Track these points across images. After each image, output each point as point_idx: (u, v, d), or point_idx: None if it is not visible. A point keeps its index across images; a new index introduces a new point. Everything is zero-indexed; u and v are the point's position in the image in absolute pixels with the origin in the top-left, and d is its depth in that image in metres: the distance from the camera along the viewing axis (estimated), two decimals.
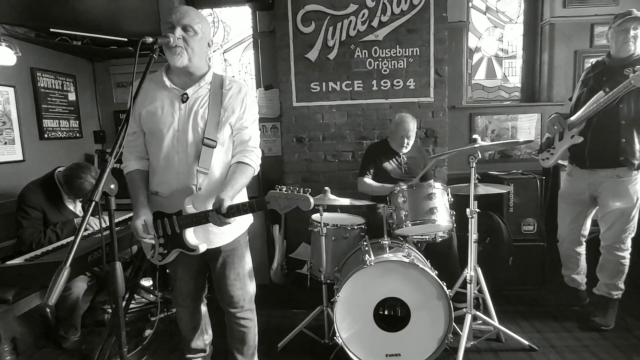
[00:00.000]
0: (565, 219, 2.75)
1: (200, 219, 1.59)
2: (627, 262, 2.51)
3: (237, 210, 1.53)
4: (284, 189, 1.51)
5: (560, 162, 2.75)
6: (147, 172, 1.75)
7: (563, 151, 2.61)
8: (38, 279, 1.79)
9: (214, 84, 1.66)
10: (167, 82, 1.63)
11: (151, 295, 3.04)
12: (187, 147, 1.62)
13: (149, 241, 1.66)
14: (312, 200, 1.47)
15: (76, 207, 2.56)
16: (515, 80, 3.86)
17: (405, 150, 2.86)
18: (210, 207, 1.60)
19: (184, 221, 1.61)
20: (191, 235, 1.65)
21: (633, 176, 2.40)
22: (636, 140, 2.34)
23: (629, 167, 2.37)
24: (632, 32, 2.30)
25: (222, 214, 1.50)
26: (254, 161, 1.70)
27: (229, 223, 1.55)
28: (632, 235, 2.49)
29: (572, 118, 2.52)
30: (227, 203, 1.51)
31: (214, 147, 1.62)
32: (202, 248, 1.66)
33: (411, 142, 2.83)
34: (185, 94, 1.62)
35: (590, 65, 2.64)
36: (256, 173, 1.73)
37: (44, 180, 2.45)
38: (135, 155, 1.74)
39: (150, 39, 1.33)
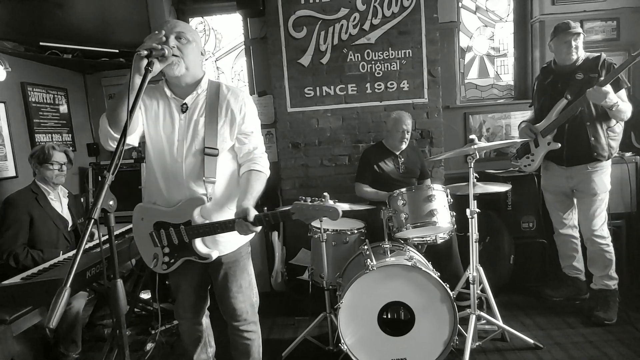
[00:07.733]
0: (555, 209, 2.84)
1: (214, 229, 1.58)
2: (610, 249, 2.59)
3: (261, 220, 1.53)
4: (309, 200, 1.50)
5: None
6: None
7: (543, 156, 2.73)
8: (36, 297, 1.75)
9: (210, 91, 1.65)
10: (168, 92, 1.63)
11: (151, 308, 3.00)
12: (190, 157, 1.60)
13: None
14: (340, 210, 1.46)
15: (63, 209, 2.55)
16: (508, 78, 3.87)
17: (404, 146, 2.89)
18: (219, 217, 1.62)
19: (194, 231, 1.59)
20: (201, 244, 1.63)
21: (601, 164, 2.56)
22: (602, 135, 2.52)
23: (600, 160, 2.54)
24: (573, 44, 2.51)
25: (249, 222, 1.50)
26: (265, 167, 1.73)
27: (257, 231, 1.55)
28: (606, 223, 2.60)
29: (544, 127, 2.67)
30: (253, 211, 1.51)
31: (216, 155, 1.61)
32: (214, 255, 1.64)
33: (409, 137, 2.87)
34: (185, 103, 1.62)
35: (539, 73, 2.83)
36: (267, 176, 1.74)
37: (28, 186, 2.47)
38: None
39: (145, 52, 1.30)
